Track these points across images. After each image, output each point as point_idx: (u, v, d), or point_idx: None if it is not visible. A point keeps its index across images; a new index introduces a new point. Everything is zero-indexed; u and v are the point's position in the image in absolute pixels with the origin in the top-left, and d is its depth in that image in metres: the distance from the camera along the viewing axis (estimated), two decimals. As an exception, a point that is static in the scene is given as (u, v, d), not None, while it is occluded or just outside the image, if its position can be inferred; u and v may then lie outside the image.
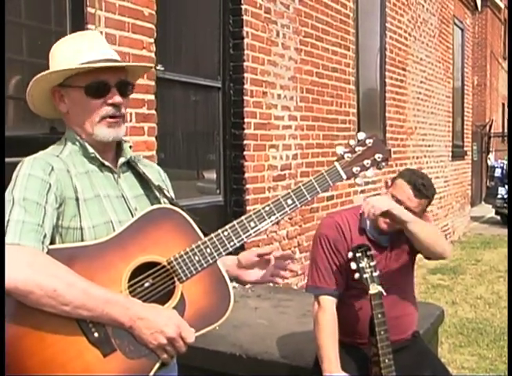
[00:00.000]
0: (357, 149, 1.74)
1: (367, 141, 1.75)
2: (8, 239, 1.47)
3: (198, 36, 4.48)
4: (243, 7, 4.56)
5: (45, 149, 1.71)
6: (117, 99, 1.68)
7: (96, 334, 1.51)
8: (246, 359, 3.14)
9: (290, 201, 1.68)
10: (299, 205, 1.70)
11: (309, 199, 1.70)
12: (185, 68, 4.27)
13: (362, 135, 1.77)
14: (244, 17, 4.56)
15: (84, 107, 1.67)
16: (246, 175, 4.59)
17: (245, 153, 4.58)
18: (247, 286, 4.47)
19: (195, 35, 4.45)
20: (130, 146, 1.82)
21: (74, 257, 1.55)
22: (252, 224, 1.66)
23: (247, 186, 4.60)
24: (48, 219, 1.54)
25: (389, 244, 2.60)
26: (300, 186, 1.69)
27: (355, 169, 1.73)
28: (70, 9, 3.17)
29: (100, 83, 1.66)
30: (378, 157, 1.75)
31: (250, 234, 1.66)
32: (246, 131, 4.58)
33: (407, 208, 2.43)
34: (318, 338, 2.48)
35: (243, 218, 1.67)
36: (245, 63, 4.58)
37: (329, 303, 2.51)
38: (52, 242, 1.56)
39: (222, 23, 4.54)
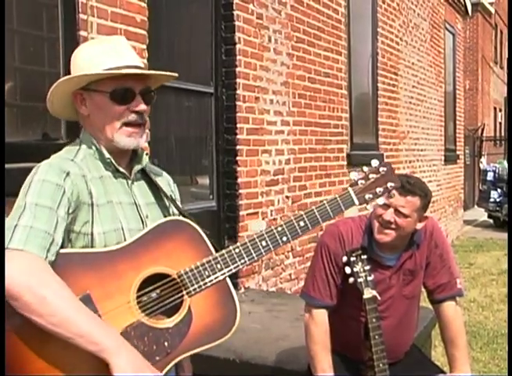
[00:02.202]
0: (370, 176, 1.77)
1: (380, 169, 1.78)
2: (13, 244, 1.46)
3: (190, 42, 4.49)
4: (235, 13, 4.57)
5: (38, 155, 1.71)
6: (142, 106, 1.69)
7: None
8: (240, 363, 3.14)
9: (302, 223, 1.70)
10: (311, 228, 1.71)
11: (321, 223, 1.72)
12: (177, 74, 4.27)
13: (375, 163, 1.79)
14: (236, 23, 4.58)
15: (107, 112, 1.67)
16: (239, 180, 4.60)
17: (238, 158, 4.59)
18: (241, 290, 4.48)
19: (187, 41, 4.47)
20: (146, 154, 1.81)
21: (86, 262, 1.55)
22: (264, 243, 1.67)
23: (240, 191, 4.61)
24: (60, 225, 1.53)
25: (398, 265, 2.49)
26: (313, 209, 1.71)
27: (368, 196, 1.75)
28: (63, 15, 3.17)
29: (126, 89, 1.67)
30: (390, 186, 1.78)
31: (261, 253, 1.67)
32: (238, 137, 4.59)
33: (398, 212, 2.34)
34: (310, 349, 2.45)
35: (255, 236, 1.67)
36: (237, 69, 4.59)
37: (321, 315, 2.46)
38: (62, 246, 1.55)
39: (214, 28, 4.55)
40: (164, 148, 4.23)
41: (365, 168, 1.78)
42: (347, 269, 2.35)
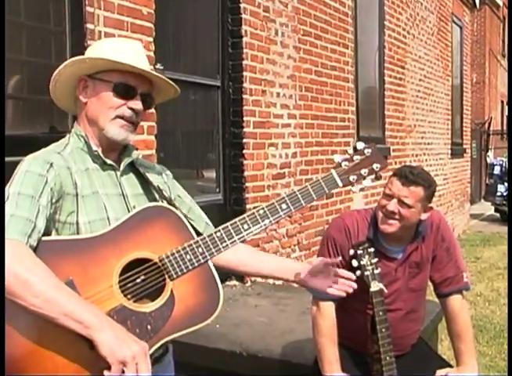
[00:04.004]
0: (355, 158, 1.75)
1: (365, 150, 1.76)
2: None
3: (197, 35, 4.49)
4: (242, 6, 4.56)
5: (46, 147, 1.73)
6: (139, 105, 1.73)
7: None
8: (247, 356, 3.15)
9: (284, 206, 1.69)
10: (293, 210, 1.71)
11: (304, 205, 1.72)
12: (184, 67, 4.28)
13: (360, 145, 1.78)
14: (243, 16, 4.57)
15: (106, 102, 1.71)
16: (246, 173, 4.60)
17: (244, 151, 4.59)
18: (247, 284, 4.48)
19: (194, 34, 4.46)
20: (136, 148, 1.85)
21: (68, 249, 1.57)
22: (245, 226, 1.68)
23: (247, 184, 4.61)
24: (42, 213, 1.55)
25: (403, 257, 2.49)
26: (295, 192, 1.70)
27: (352, 178, 1.74)
28: (69, 8, 3.18)
29: (129, 86, 1.72)
30: (376, 166, 1.76)
31: (243, 236, 1.68)
32: (245, 130, 4.59)
33: (401, 202, 2.34)
34: (318, 342, 2.45)
35: (236, 220, 1.68)
36: (244, 62, 4.58)
37: (328, 308, 2.45)
38: (48, 235, 1.57)
39: (221, 21, 4.55)
40: (170, 141, 4.23)
41: (350, 150, 1.77)
42: (354, 262, 2.35)
